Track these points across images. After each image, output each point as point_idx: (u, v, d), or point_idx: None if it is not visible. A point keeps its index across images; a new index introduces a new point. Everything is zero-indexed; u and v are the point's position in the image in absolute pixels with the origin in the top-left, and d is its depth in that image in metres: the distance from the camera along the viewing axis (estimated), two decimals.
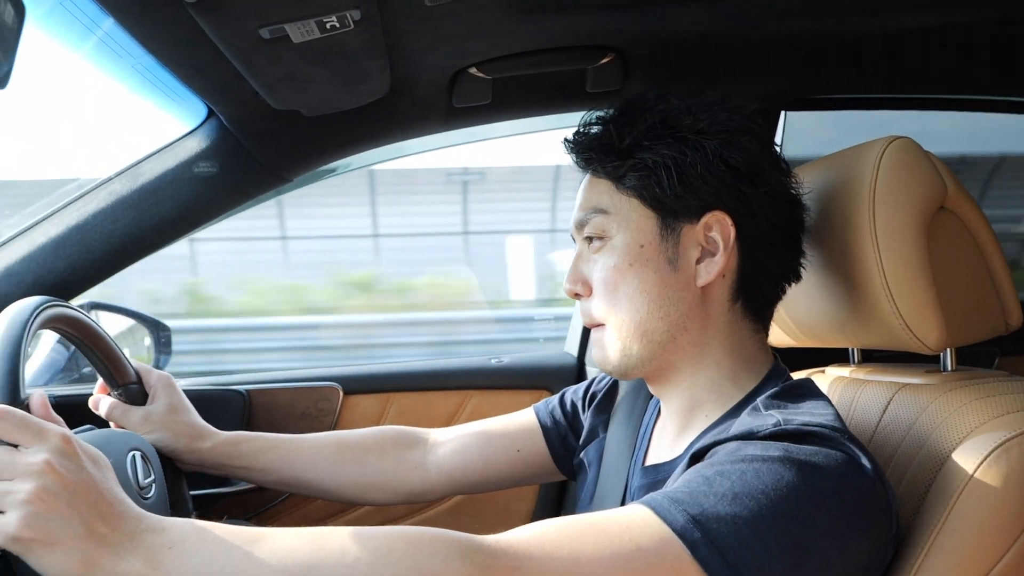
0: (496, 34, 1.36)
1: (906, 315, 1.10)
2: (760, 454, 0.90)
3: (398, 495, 1.47)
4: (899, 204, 1.09)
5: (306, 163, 1.77)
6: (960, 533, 0.95)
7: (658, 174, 1.08)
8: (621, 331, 1.11)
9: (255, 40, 1.12)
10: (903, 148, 1.12)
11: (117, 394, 1.39)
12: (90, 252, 1.58)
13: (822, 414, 0.98)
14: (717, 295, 1.11)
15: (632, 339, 1.11)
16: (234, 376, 2.02)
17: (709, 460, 0.94)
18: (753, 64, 1.64)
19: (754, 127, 1.12)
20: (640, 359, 1.12)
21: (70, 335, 1.24)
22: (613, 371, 1.15)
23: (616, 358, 1.13)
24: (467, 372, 2.12)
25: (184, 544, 0.85)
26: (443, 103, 1.61)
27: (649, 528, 0.87)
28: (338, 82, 1.33)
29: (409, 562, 0.83)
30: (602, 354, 1.16)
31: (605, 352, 1.15)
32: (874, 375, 1.28)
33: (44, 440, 0.86)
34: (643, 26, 1.41)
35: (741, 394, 1.11)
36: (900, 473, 1.08)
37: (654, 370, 1.14)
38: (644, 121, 1.11)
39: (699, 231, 1.09)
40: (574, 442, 1.43)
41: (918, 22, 1.49)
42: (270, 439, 1.46)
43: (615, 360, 1.14)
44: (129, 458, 1.20)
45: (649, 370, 1.14)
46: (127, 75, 1.51)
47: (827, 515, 0.88)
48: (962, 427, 1.01)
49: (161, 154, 1.62)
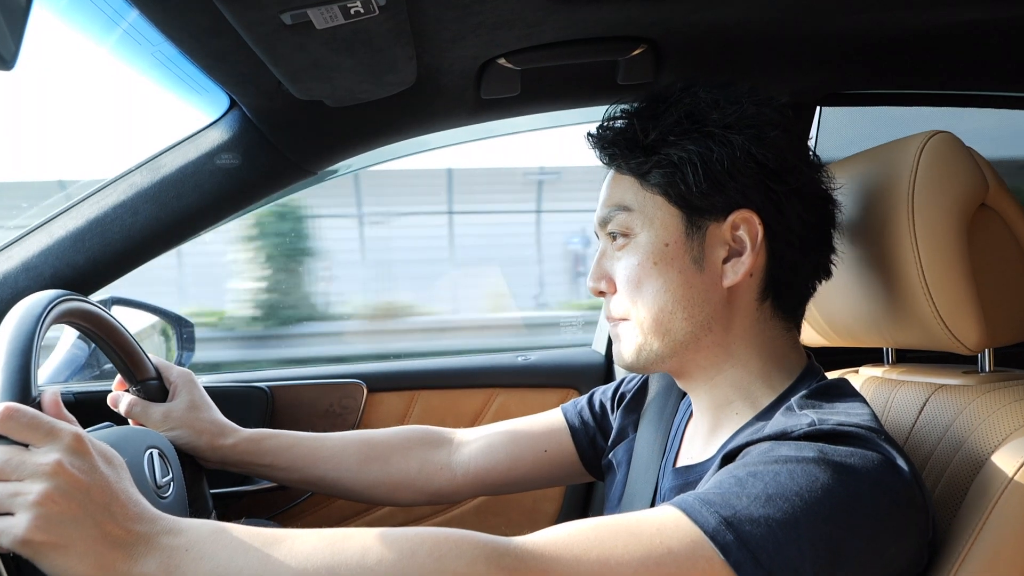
0: (527, 23, 1.34)
1: (945, 314, 1.08)
2: (794, 455, 0.88)
3: (423, 495, 1.45)
4: (939, 201, 1.07)
5: (330, 156, 1.75)
6: (999, 537, 0.93)
7: (683, 171, 1.06)
8: (643, 327, 1.10)
9: (277, 26, 1.10)
10: (944, 143, 1.10)
11: (136, 390, 1.37)
12: (110, 246, 1.57)
13: (858, 414, 0.96)
14: (744, 295, 1.09)
15: (652, 336, 1.09)
16: (256, 372, 2.00)
17: (742, 460, 0.92)
18: (789, 57, 1.61)
19: (784, 121, 1.09)
20: (659, 355, 1.11)
21: (86, 330, 1.22)
22: (630, 366, 1.14)
23: (633, 353, 1.12)
24: (493, 370, 2.10)
25: (201, 546, 0.84)
26: (471, 95, 1.58)
27: (680, 530, 0.85)
28: (363, 71, 1.31)
29: (433, 564, 0.82)
30: (620, 348, 1.15)
31: (623, 346, 1.14)
32: (910, 376, 1.27)
33: (55, 439, 0.85)
34: (678, 16, 1.38)
35: (774, 394, 1.09)
36: (937, 476, 1.07)
37: (675, 367, 1.13)
38: (670, 115, 1.08)
39: (726, 230, 1.07)
40: (603, 443, 1.41)
41: (962, 16, 1.46)
42: (293, 437, 1.44)
43: (632, 355, 1.12)
44: (146, 456, 1.18)
45: (670, 366, 1.13)
46: (149, 66, 1.49)
47: (862, 517, 0.86)
48: (1001, 429, 1.00)
49: (182, 146, 1.60)
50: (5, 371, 0.93)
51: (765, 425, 1.00)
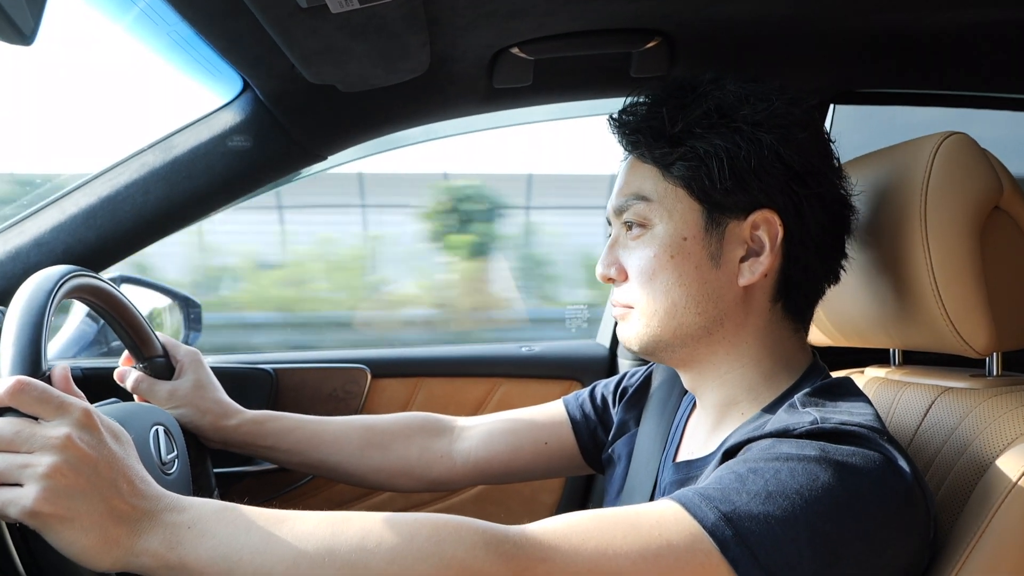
0: (541, 13, 1.33)
1: (954, 317, 1.07)
2: (795, 452, 0.88)
3: (422, 483, 1.46)
4: (952, 202, 1.06)
5: (341, 140, 1.75)
6: (1001, 541, 0.92)
7: (709, 165, 1.04)
8: (650, 317, 1.09)
9: (293, 9, 1.10)
10: (959, 144, 1.09)
11: (143, 367, 1.37)
12: (121, 224, 1.57)
13: (861, 413, 0.96)
14: (758, 295, 1.08)
15: (659, 326, 1.09)
16: (262, 355, 2.00)
17: (743, 457, 0.92)
18: (804, 53, 1.60)
19: (812, 123, 1.08)
20: (667, 345, 1.10)
21: (96, 306, 1.23)
22: (640, 350, 1.13)
23: (639, 340, 1.12)
24: (497, 360, 2.10)
25: (204, 524, 0.84)
26: (483, 83, 1.58)
27: (679, 525, 0.85)
28: (376, 57, 1.31)
29: (432, 548, 0.82)
30: (627, 335, 1.14)
31: (629, 333, 1.13)
32: (916, 377, 1.26)
33: (65, 414, 0.85)
34: (693, 10, 1.38)
35: (778, 392, 1.09)
36: (941, 478, 1.06)
37: (683, 360, 1.13)
38: (698, 106, 1.07)
39: (745, 229, 1.06)
40: (603, 437, 1.41)
41: (979, 17, 1.45)
42: (296, 420, 1.44)
43: (637, 342, 1.12)
44: (152, 433, 1.18)
45: (677, 358, 1.13)
46: (164, 45, 1.49)
47: (862, 517, 0.86)
48: (1007, 433, 1.00)
49: (195, 127, 1.61)
50: (17, 344, 0.93)
51: (768, 421, 1.00)
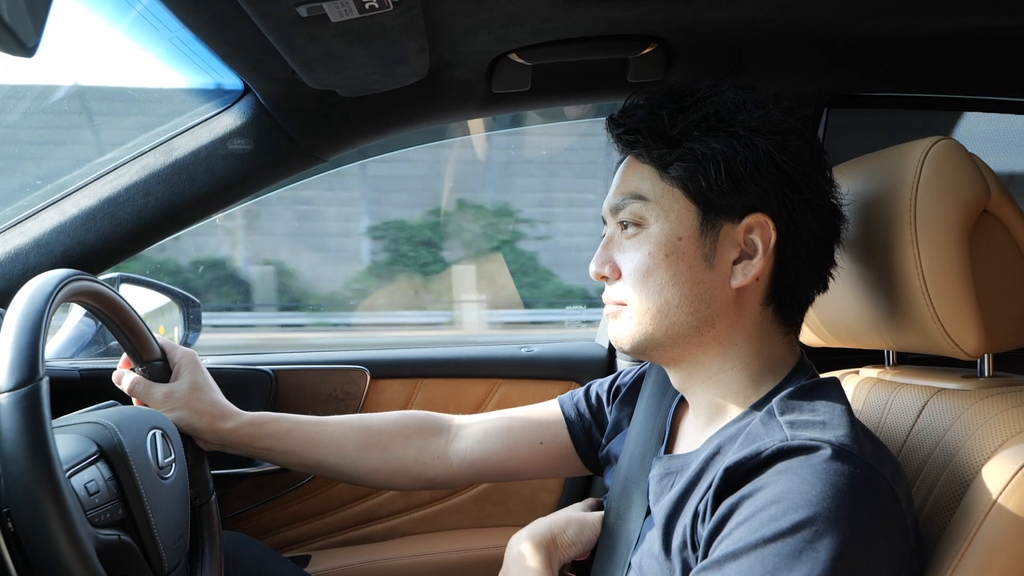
0: (539, 19, 1.34)
1: (944, 319, 1.08)
2: (773, 531, 0.86)
3: (419, 482, 1.46)
4: (941, 206, 1.07)
5: (341, 144, 1.75)
6: (992, 544, 0.93)
7: (706, 167, 1.05)
8: (643, 315, 1.09)
9: (293, 17, 1.11)
10: (947, 149, 1.09)
11: (141, 370, 1.38)
12: (121, 225, 1.58)
13: (833, 424, 0.96)
14: (750, 297, 1.09)
15: (653, 323, 1.09)
16: (261, 356, 2.01)
17: (732, 537, 0.90)
18: (799, 58, 1.61)
19: (806, 132, 1.09)
20: (659, 344, 1.10)
21: (95, 309, 1.23)
22: (631, 349, 1.13)
23: (630, 338, 1.11)
24: (496, 361, 2.11)
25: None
26: (481, 88, 1.59)
27: None
28: (376, 63, 1.32)
29: None
30: (618, 333, 1.14)
31: (620, 331, 1.13)
32: (909, 378, 1.26)
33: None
34: (689, 16, 1.38)
35: (764, 391, 1.09)
36: (933, 480, 1.06)
37: (673, 359, 1.13)
38: (697, 110, 1.08)
39: (739, 232, 1.06)
40: (598, 436, 1.41)
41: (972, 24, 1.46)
42: (293, 421, 1.45)
43: (629, 340, 1.12)
44: (150, 437, 1.19)
45: (668, 358, 1.13)
46: (165, 49, 1.50)
47: (844, 549, 0.85)
48: (997, 435, 1.00)
49: (196, 129, 1.61)
50: (15, 349, 0.95)
51: (748, 426, 1.01)
